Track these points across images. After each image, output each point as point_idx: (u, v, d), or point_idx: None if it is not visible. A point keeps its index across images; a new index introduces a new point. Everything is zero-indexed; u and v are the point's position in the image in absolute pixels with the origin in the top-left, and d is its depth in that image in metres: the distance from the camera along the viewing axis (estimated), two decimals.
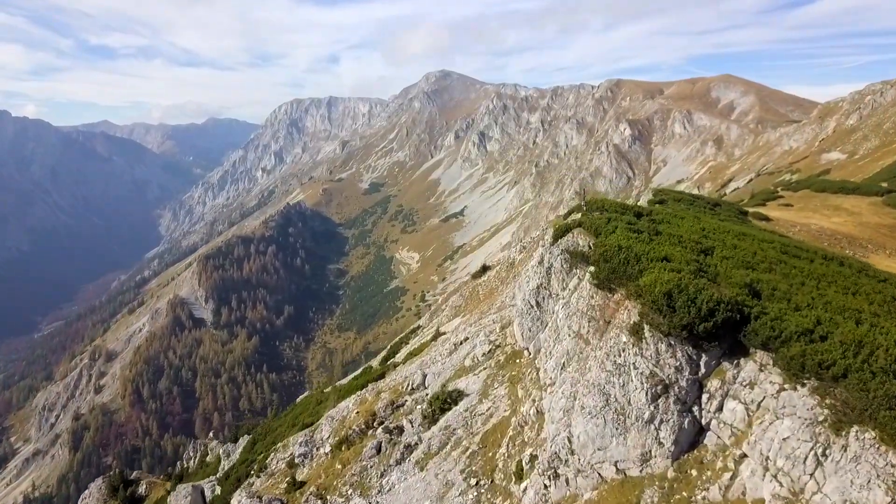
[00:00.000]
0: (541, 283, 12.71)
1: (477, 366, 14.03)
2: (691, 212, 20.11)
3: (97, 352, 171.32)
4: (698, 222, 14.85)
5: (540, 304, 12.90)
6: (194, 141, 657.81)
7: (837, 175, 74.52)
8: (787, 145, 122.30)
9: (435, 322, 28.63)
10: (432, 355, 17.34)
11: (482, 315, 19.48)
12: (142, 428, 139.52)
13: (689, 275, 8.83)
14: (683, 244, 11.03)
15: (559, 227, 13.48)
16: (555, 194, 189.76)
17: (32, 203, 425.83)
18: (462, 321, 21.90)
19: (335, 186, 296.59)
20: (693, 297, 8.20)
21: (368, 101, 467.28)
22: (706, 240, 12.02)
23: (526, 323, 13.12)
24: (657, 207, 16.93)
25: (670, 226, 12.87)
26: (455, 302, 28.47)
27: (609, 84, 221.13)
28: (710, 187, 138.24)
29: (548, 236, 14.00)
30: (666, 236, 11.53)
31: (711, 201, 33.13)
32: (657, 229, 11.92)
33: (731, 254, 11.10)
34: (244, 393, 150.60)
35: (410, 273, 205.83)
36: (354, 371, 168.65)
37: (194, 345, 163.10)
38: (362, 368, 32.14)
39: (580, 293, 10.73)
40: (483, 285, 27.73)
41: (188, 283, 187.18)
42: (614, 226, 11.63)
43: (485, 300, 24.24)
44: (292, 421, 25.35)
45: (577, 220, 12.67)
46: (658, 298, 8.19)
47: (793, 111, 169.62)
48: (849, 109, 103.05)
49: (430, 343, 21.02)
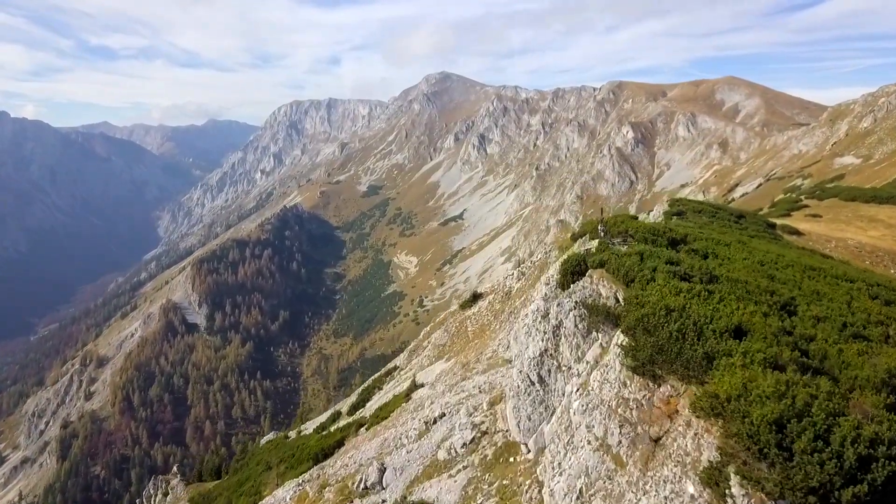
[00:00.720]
0: (545, 348, 9.06)
1: (454, 461, 10.33)
2: (729, 231, 16.55)
3: (88, 357, 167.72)
4: (749, 250, 11.38)
5: (544, 379, 9.20)
6: (194, 142, 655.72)
7: (853, 180, 71.03)
8: (796, 149, 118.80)
9: (414, 364, 24.72)
10: (398, 433, 13.60)
11: (467, 370, 15.74)
12: (131, 436, 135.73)
13: (793, 369, 5.34)
14: (753, 296, 7.58)
15: (570, 261, 9.94)
16: (556, 198, 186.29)
17: (31, 203, 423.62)
18: (444, 369, 18.16)
19: (333, 189, 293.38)
20: (823, 432, 4.51)
21: (368, 103, 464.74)
22: (776, 284, 8.55)
23: (524, 407, 9.40)
24: (691, 230, 13.45)
25: (722, 264, 9.38)
26: (438, 339, 24.43)
27: (611, 86, 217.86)
28: (715, 192, 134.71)
29: (553, 272, 10.42)
30: (725, 283, 8.05)
31: (735, 212, 29.48)
32: (709, 269, 8.39)
33: (823, 310, 7.60)
34: (237, 401, 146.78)
35: (409, 277, 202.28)
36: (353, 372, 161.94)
37: (187, 351, 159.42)
38: (331, 413, 28.35)
39: (606, 374, 7.20)
40: (473, 319, 23.71)
41: (182, 288, 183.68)
42: (651, 267, 8.10)
43: (474, 340, 20.42)
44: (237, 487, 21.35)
45: (598, 258, 9.04)
46: (758, 430, 4.63)
47: (799, 114, 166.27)
48: (861, 112, 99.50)
49: (402, 403, 17.39)
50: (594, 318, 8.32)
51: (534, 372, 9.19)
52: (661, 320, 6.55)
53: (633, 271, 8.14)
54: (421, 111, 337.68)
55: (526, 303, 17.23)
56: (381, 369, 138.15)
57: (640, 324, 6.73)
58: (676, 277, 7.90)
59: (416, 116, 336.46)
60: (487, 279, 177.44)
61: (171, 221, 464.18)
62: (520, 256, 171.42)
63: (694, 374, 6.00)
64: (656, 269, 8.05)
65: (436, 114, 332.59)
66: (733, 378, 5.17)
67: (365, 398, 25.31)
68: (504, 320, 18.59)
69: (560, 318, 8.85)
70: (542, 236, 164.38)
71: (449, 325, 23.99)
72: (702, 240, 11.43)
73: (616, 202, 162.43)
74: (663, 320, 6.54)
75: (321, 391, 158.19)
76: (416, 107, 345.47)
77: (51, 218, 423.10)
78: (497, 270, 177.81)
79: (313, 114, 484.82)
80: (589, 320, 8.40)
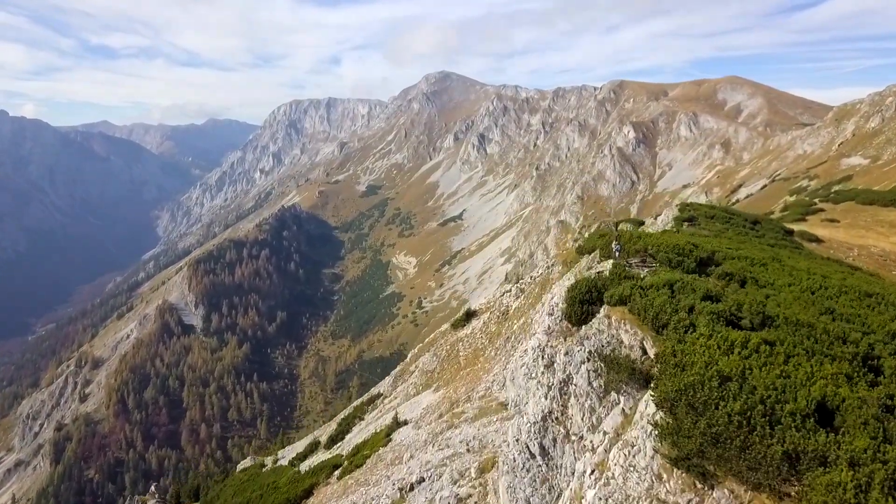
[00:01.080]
0: (550, 409, 7.00)
1: None
2: (748, 241, 14.66)
3: (83, 358, 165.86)
4: (789, 271, 9.52)
5: (547, 451, 7.10)
6: (193, 141, 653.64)
7: (861, 182, 69.15)
8: (801, 149, 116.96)
9: (399, 391, 22.53)
10: (368, 497, 11.64)
11: (454, 414, 13.49)
12: (126, 440, 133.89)
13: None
14: (823, 345, 5.72)
15: (579, 288, 8.05)
16: (556, 198, 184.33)
17: (29, 203, 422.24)
18: (431, 403, 16.08)
19: (332, 189, 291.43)
20: None
21: (368, 102, 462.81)
22: (842, 324, 6.67)
23: (521, 486, 7.23)
24: (716, 243, 11.58)
25: (770, 296, 7.49)
26: (426, 364, 22.13)
27: (612, 85, 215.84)
28: (718, 193, 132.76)
29: (559, 299, 8.51)
30: (785, 327, 6.18)
31: (749, 218, 27.57)
32: (761, 306, 6.46)
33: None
34: (233, 403, 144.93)
35: (407, 278, 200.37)
36: (351, 374, 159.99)
37: (182, 352, 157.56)
38: (310, 442, 26.21)
39: (632, 457, 5.30)
40: (465, 341, 21.24)
41: (178, 288, 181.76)
42: (687, 305, 6.15)
43: (466, 367, 18.28)
44: None
45: (617, 293, 7.04)
46: None
47: (802, 114, 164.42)
48: (868, 112, 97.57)
49: (380, 446, 15.38)
50: (614, 374, 6.37)
51: (534, 441, 7.12)
52: (713, 394, 4.67)
53: (664, 312, 6.22)
54: (420, 110, 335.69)
55: (525, 328, 15.33)
56: (378, 371, 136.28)
57: (683, 397, 4.85)
58: (722, 321, 6.03)
59: (415, 116, 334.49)
60: (487, 280, 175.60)
61: (170, 221, 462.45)
62: (519, 257, 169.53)
63: (767, 481, 4.17)
64: (694, 308, 6.18)
65: (435, 113, 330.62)
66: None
67: (345, 430, 23.29)
68: (500, 347, 16.58)
69: (569, 372, 6.88)
70: (543, 237, 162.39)
71: (439, 349, 21.69)
72: (734, 259, 9.59)
73: (617, 203, 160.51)
74: (717, 394, 4.66)
75: (318, 393, 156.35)
76: (415, 106, 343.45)
77: (49, 218, 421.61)
78: (497, 271, 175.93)
79: (313, 113, 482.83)
80: (607, 377, 6.46)
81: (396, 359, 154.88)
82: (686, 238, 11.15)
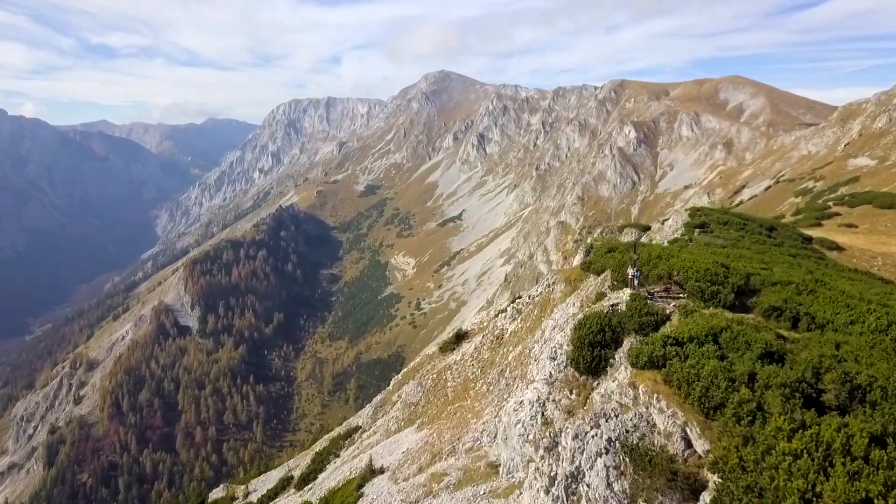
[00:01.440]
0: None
1: None
2: (779, 254, 12.88)
3: (78, 360, 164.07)
4: (845, 302, 7.77)
5: None
6: (193, 141, 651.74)
7: (868, 183, 67.44)
8: (805, 150, 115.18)
9: (379, 425, 20.54)
10: None
11: (434, 480, 10.20)
12: (120, 443, 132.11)
13: None
14: None
15: (589, 326, 6.26)
16: (556, 198, 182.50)
17: (28, 202, 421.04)
18: (411, 447, 14.02)
19: (330, 188, 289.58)
20: None
21: (367, 101, 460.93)
22: None
23: None
24: (749, 264, 9.82)
25: (841, 345, 5.76)
26: (410, 395, 19.96)
27: (612, 85, 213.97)
28: (720, 193, 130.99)
29: (563, 338, 6.71)
30: (882, 403, 4.42)
31: (765, 224, 25.74)
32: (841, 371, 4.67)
33: None
34: (229, 406, 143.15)
35: (406, 279, 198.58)
36: (348, 377, 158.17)
37: (178, 354, 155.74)
38: (283, 476, 24.44)
39: None
40: (454, 370, 19.29)
41: (174, 289, 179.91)
42: (745, 372, 4.24)
43: (454, 402, 16.28)
44: None
45: (646, 353, 4.97)
46: None
47: (805, 114, 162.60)
48: (875, 111, 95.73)
49: (349, 502, 13.62)
50: (643, 474, 4.39)
51: None
52: None
53: (716, 387, 4.37)
54: (420, 110, 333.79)
55: (521, 360, 13.48)
56: (376, 373, 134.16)
57: None
58: (799, 399, 4.23)
59: (414, 115, 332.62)
60: (486, 281, 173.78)
61: (169, 221, 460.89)
62: (519, 258, 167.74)
63: None
64: (755, 377, 4.33)
65: (435, 113, 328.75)
66: None
67: (318, 468, 21.48)
68: (493, 382, 14.68)
69: (578, 463, 4.83)
70: (542, 238, 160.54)
71: (424, 377, 19.61)
72: (774, 285, 7.81)
73: (618, 203, 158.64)
74: None
75: (315, 396, 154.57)
76: (414, 105, 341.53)
77: (48, 217, 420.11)
78: (496, 272, 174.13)
79: (312, 112, 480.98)
80: (633, 478, 4.49)
81: (394, 361, 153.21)
82: (712, 257, 9.36)
